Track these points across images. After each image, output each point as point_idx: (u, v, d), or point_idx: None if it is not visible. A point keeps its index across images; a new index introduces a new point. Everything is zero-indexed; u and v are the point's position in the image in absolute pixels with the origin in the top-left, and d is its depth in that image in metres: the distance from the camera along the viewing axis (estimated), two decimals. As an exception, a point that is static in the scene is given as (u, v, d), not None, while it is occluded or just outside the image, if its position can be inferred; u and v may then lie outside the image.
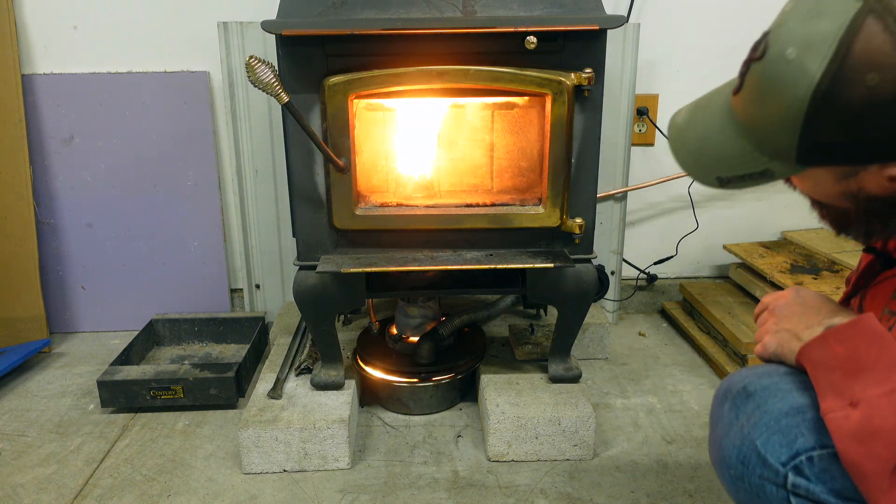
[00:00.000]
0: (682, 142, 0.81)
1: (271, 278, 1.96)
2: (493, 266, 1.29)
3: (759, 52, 0.70)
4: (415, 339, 1.58)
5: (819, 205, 0.79)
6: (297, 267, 1.36)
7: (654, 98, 1.90)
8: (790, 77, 0.66)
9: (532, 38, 1.19)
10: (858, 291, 0.91)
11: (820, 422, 0.73)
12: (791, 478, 0.74)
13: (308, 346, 1.61)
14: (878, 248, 0.87)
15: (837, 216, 0.78)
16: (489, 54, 1.23)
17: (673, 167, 1.93)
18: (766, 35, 0.70)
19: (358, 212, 1.31)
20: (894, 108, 0.62)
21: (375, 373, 1.54)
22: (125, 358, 1.68)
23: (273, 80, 1.13)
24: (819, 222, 0.82)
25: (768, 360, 0.86)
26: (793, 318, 0.83)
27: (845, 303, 0.93)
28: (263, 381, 1.49)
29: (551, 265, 1.30)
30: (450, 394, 1.56)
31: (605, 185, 1.87)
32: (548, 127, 1.27)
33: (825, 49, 0.63)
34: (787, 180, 0.81)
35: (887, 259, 0.85)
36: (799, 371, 0.80)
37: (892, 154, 0.66)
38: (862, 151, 0.67)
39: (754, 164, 0.74)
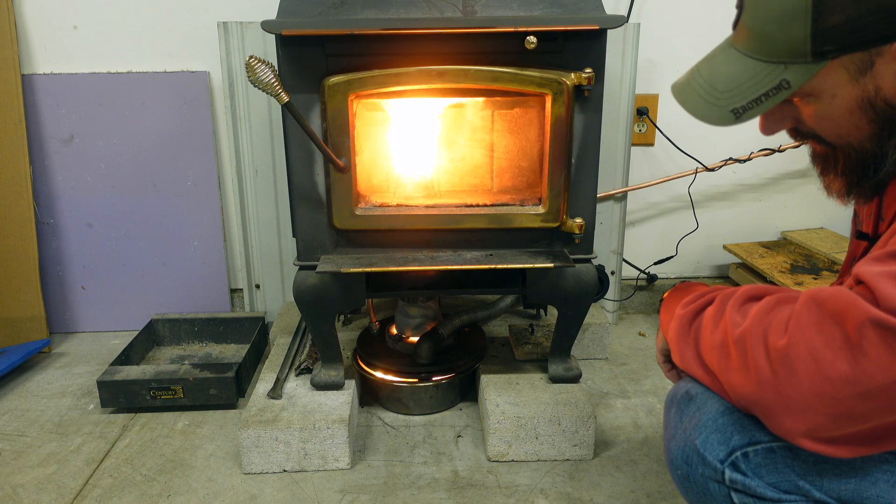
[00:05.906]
0: (688, 91, 0.80)
1: (271, 278, 1.96)
2: (493, 266, 1.29)
3: None
4: (415, 339, 1.58)
5: (832, 153, 0.77)
6: (297, 267, 1.36)
7: (654, 98, 1.90)
8: None
9: (532, 38, 1.19)
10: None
11: (753, 419, 0.76)
12: (728, 473, 0.77)
13: (308, 346, 1.61)
14: (870, 235, 0.87)
15: (857, 157, 0.75)
16: (489, 54, 1.23)
17: (673, 167, 1.94)
18: None
19: (358, 212, 1.31)
20: None
21: (375, 373, 1.54)
22: (125, 358, 1.68)
23: (273, 80, 1.13)
24: (826, 189, 0.80)
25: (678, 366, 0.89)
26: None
27: None
28: (263, 381, 1.49)
29: (551, 265, 1.30)
30: (450, 394, 1.56)
31: (605, 185, 1.87)
32: (548, 127, 1.27)
33: None
34: (796, 133, 0.80)
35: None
36: None
37: None
38: (875, 25, 0.66)
39: (768, 79, 0.72)
